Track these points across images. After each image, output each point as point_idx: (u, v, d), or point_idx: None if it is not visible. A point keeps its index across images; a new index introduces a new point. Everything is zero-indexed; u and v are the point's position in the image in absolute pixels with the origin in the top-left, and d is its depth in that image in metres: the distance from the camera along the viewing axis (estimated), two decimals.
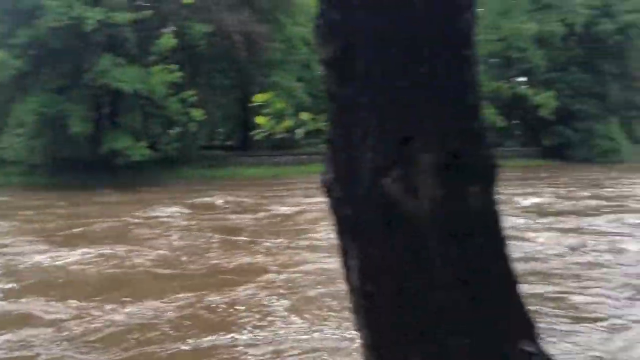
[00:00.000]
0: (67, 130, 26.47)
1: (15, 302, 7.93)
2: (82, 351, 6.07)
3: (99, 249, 11.07)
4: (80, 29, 25.24)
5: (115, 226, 14.58)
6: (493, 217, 1.42)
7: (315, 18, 1.55)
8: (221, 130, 45.51)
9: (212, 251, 11.39)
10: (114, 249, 11.13)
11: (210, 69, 34.53)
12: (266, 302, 7.73)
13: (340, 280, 1.88)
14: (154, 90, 27.39)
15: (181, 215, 16.86)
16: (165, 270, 9.81)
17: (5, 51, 26.06)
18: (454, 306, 1.32)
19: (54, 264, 10.12)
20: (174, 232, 13.48)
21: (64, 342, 6.27)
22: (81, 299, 7.85)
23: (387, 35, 1.42)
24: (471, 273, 1.33)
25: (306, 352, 6.01)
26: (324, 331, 6.58)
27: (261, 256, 10.79)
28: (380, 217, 1.39)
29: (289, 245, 11.83)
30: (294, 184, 25.90)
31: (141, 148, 27.26)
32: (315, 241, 12.01)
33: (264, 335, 6.52)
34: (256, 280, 8.88)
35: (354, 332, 1.61)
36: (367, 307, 1.43)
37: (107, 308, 7.46)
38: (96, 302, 7.73)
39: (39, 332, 6.60)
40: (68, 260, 10.37)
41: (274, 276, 9.15)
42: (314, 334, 6.50)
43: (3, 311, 7.58)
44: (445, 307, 1.32)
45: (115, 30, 26.58)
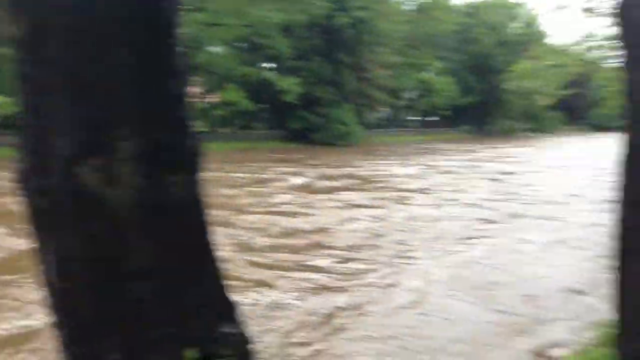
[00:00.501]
0: None
1: None
2: None
3: None
4: None
5: None
6: (196, 206, 1.45)
7: None
8: None
9: None
10: None
11: None
12: None
13: None
14: None
15: None
16: None
17: None
18: (153, 297, 1.32)
19: None
20: None
21: None
22: None
23: (83, 16, 1.34)
24: (170, 262, 1.34)
25: None
26: None
27: None
28: (76, 208, 1.32)
29: None
30: None
31: None
32: None
33: None
34: None
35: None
36: (65, 303, 1.35)
37: None
38: None
39: None
40: None
41: None
42: None
43: None
44: (144, 298, 1.31)
45: None
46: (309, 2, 42.21)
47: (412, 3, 69.16)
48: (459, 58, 72.83)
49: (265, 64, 47.06)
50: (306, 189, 19.33)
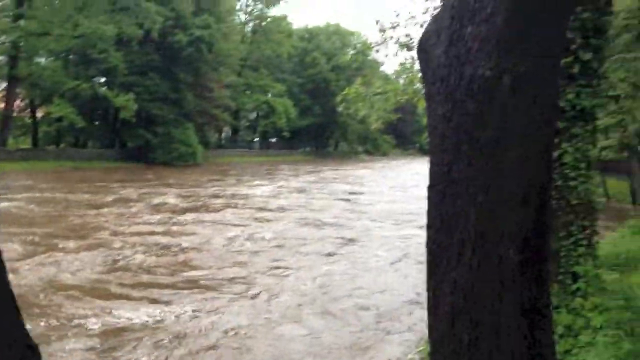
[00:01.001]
0: None
1: None
2: None
3: None
4: None
5: None
6: None
7: None
8: None
9: None
10: None
11: None
12: None
13: None
14: None
15: None
16: None
17: None
18: None
19: None
20: None
21: None
22: None
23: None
24: None
25: None
26: None
27: None
28: None
29: None
30: None
31: None
32: None
33: None
34: None
35: None
36: None
37: None
38: None
39: None
40: None
41: None
42: None
43: None
44: None
45: None
46: (144, 17, 40.79)
47: (252, 24, 70.38)
48: (298, 81, 75.04)
49: (98, 79, 44.49)
50: (171, 210, 19.37)
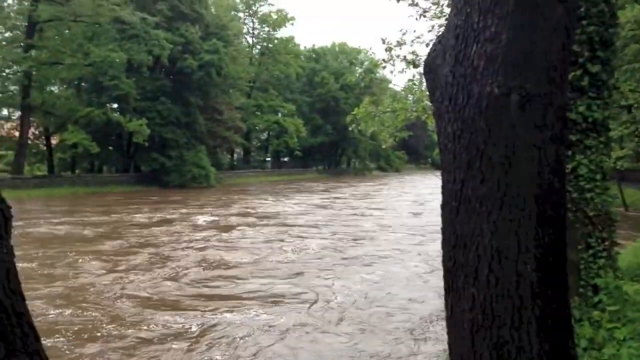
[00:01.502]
0: None
1: None
2: None
3: None
4: None
5: None
6: (3, 268, 1.53)
7: None
8: None
9: None
10: None
11: None
12: None
13: None
14: None
15: None
16: None
17: None
18: None
19: None
20: None
21: None
22: None
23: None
24: None
25: None
26: None
27: None
28: None
29: None
30: None
31: None
32: None
33: None
34: None
35: None
36: None
37: None
38: None
39: None
40: None
41: None
42: None
43: None
44: None
45: None
46: (152, 43, 41.47)
47: (259, 47, 71.10)
48: (307, 100, 75.52)
49: (111, 105, 45.11)
50: (212, 227, 20.84)
